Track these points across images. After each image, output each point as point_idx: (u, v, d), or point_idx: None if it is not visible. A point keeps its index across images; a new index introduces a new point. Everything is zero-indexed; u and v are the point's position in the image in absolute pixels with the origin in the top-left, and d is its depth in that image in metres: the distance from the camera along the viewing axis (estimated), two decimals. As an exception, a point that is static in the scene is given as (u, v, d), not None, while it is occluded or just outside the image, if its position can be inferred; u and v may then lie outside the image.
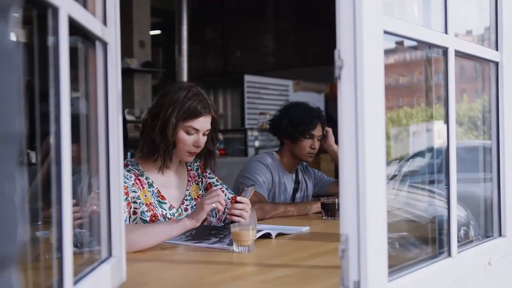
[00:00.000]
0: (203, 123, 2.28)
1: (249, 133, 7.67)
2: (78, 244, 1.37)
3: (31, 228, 1.30)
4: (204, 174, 2.50)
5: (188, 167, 2.48)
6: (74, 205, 1.10)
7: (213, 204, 2.04)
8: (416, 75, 2.10)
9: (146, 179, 2.28)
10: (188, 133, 2.25)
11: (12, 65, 0.60)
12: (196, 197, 2.43)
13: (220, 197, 2.07)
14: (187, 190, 2.41)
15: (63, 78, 1.04)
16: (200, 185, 2.48)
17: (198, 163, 2.50)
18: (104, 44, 1.38)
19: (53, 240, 1.43)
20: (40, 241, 1.40)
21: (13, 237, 0.60)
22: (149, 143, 2.26)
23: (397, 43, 1.51)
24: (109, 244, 1.41)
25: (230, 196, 2.45)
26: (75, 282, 1.12)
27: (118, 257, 1.41)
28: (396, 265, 1.36)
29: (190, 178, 2.45)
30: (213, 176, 2.53)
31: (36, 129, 1.10)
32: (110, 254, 1.40)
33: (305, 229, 2.42)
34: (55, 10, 1.02)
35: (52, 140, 1.04)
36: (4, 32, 0.59)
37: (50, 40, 1.05)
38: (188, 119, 2.24)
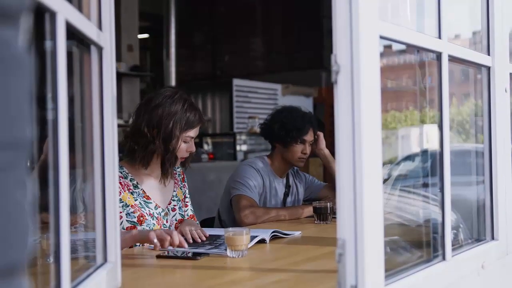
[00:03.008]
0: (197, 130, 2.40)
1: (238, 137, 7.66)
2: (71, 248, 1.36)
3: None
4: (183, 183, 2.59)
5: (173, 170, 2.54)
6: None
7: (155, 240, 1.97)
8: (405, 79, 2.11)
9: (130, 180, 2.34)
10: (185, 142, 2.36)
11: (23, 71, 0.59)
12: (181, 199, 2.52)
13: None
14: (174, 191, 2.50)
15: (61, 82, 1.04)
16: (182, 190, 2.56)
17: (180, 169, 2.59)
18: (100, 49, 1.38)
19: (46, 246, 1.42)
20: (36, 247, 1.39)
21: (24, 244, 0.60)
22: (150, 154, 2.32)
23: (385, 46, 1.52)
24: (104, 249, 1.40)
25: (190, 213, 2.52)
26: (72, 288, 1.12)
27: (113, 263, 1.41)
28: (392, 269, 1.36)
29: (176, 181, 2.53)
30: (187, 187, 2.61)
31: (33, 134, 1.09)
32: (105, 259, 1.40)
33: (297, 233, 2.42)
34: (53, 15, 1.02)
35: (49, 144, 1.04)
36: (14, 39, 0.58)
37: (47, 44, 1.05)
38: (188, 130, 2.34)
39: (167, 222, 2.40)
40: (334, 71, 1.21)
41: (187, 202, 2.58)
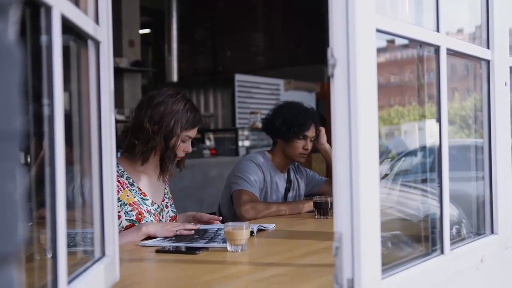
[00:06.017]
0: (195, 131, 2.44)
1: (240, 132, 7.65)
2: (69, 243, 1.37)
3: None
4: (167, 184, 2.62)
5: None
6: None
7: (177, 232, 2.19)
8: (408, 73, 2.10)
9: (126, 179, 2.37)
10: (183, 141, 2.39)
11: (12, 64, 0.60)
12: (170, 197, 2.57)
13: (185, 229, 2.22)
14: (165, 189, 2.54)
15: (56, 77, 1.04)
16: (169, 188, 2.61)
17: None
18: (97, 43, 1.38)
19: (44, 240, 1.42)
20: (32, 242, 1.39)
21: (15, 235, 0.60)
22: (150, 150, 2.35)
23: (388, 41, 1.52)
24: (102, 243, 1.40)
25: (172, 214, 2.53)
26: (69, 282, 1.12)
27: (111, 257, 1.41)
28: (390, 262, 1.36)
29: (166, 180, 2.57)
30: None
31: (27, 129, 1.09)
32: (103, 253, 1.40)
33: (271, 226, 2.44)
34: (48, 9, 1.02)
35: (45, 140, 1.04)
36: (3, 31, 0.59)
37: (43, 39, 1.05)
38: (188, 129, 2.38)
39: (162, 218, 2.43)
40: (331, 65, 1.20)
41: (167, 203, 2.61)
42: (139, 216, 2.31)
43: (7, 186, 0.59)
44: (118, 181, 2.31)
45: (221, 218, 2.55)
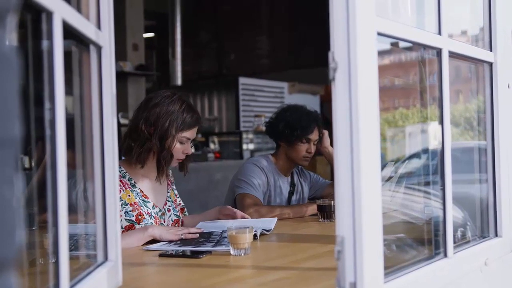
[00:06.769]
0: (194, 132, 2.44)
1: (244, 135, 7.66)
2: (72, 247, 1.37)
3: (27, 233, 1.30)
4: (173, 185, 2.62)
5: None
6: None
7: (182, 236, 2.19)
8: (412, 76, 2.10)
9: (128, 180, 2.38)
10: (181, 142, 2.39)
11: (10, 70, 0.60)
12: (174, 200, 2.57)
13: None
14: (168, 192, 2.54)
15: (58, 82, 1.04)
16: (174, 192, 2.61)
17: (171, 172, 2.64)
18: (99, 48, 1.38)
19: (47, 245, 1.42)
20: (36, 246, 1.39)
21: (12, 240, 0.60)
22: (146, 151, 2.35)
23: (392, 44, 1.52)
24: (105, 248, 1.40)
25: (174, 218, 2.54)
26: (71, 286, 1.12)
27: (114, 261, 1.41)
28: (392, 266, 1.36)
29: (169, 183, 2.58)
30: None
31: (30, 133, 1.10)
32: (106, 258, 1.40)
33: (273, 220, 2.48)
34: (49, 15, 1.02)
35: (47, 145, 1.04)
36: (1, 37, 0.59)
37: (44, 44, 1.05)
38: (184, 130, 2.37)
39: (164, 221, 2.43)
40: (332, 68, 1.20)
41: (179, 200, 2.62)
42: (139, 217, 2.31)
43: (5, 192, 0.59)
44: (120, 181, 2.32)
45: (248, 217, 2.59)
